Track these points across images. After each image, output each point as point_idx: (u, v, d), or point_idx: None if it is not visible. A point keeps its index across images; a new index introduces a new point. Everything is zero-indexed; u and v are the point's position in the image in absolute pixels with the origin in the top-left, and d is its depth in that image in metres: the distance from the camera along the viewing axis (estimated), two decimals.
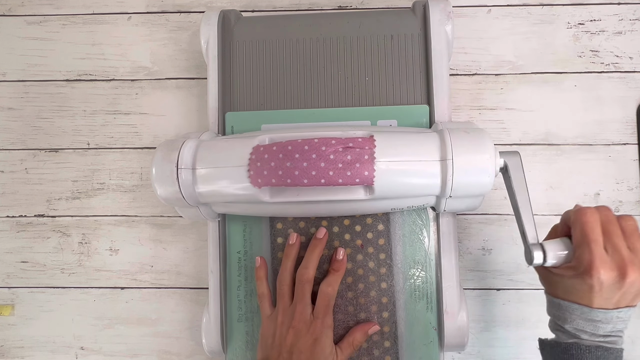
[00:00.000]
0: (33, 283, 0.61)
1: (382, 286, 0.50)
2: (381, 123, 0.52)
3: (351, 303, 0.50)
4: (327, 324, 0.46)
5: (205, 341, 0.53)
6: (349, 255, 0.50)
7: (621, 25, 0.60)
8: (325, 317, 0.46)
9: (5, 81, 0.63)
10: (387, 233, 0.50)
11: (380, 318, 0.50)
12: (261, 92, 0.54)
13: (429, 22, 0.52)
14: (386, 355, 0.50)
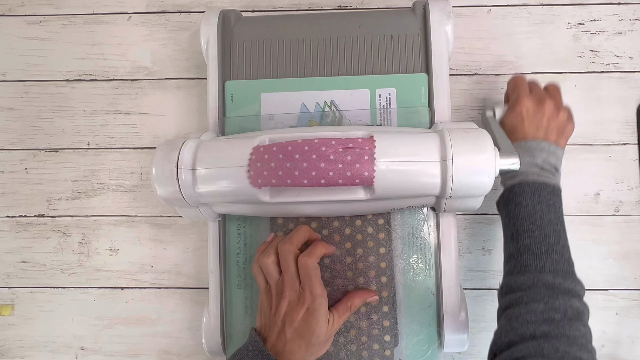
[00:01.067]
0: (33, 283, 0.61)
1: (380, 251, 0.50)
2: (380, 92, 0.52)
3: (350, 268, 0.50)
4: (317, 293, 0.45)
5: (205, 341, 0.53)
6: (348, 221, 0.50)
7: (621, 25, 0.60)
8: (313, 287, 0.45)
9: (5, 81, 0.63)
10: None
11: (379, 283, 0.50)
12: (261, 64, 0.54)
13: (429, 22, 0.52)
14: (384, 320, 0.50)
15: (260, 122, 0.52)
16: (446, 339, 0.50)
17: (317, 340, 0.45)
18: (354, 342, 0.50)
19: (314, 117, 0.52)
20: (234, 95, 0.53)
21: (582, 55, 0.60)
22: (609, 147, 0.59)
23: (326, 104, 0.52)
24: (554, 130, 0.49)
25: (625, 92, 0.59)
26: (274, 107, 0.53)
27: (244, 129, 0.52)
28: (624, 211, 0.59)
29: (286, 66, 0.54)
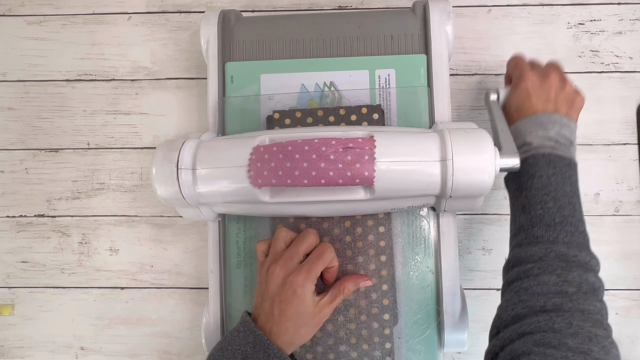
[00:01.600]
0: (33, 283, 0.61)
1: (380, 230, 0.50)
2: (379, 73, 0.52)
3: (349, 247, 0.50)
4: (312, 277, 0.43)
5: (205, 341, 0.53)
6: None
7: (621, 25, 0.60)
8: (312, 268, 0.43)
9: (5, 81, 0.63)
10: None
11: (378, 261, 0.50)
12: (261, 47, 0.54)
13: (429, 22, 0.52)
14: (384, 298, 0.50)
15: (260, 103, 0.53)
16: (446, 339, 0.50)
17: (304, 323, 0.43)
18: (353, 321, 0.50)
19: (314, 97, 0.53)
20: (234, 77, 0.53)
21: (582, 55, 0.60)
22: (609, 147, 0.59)
23: (325, 84, 0.52)
24: (563, 103, 0.47)
25: (625, 92, 0.59)
26: (274, 88, 0.53)
27: (244, 110, 0.53)
28: (624, 211, 0.59)
29: (286, 49, 0.54)
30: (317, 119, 0.51)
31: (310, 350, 0.50)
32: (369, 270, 0.50)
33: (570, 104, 0.48)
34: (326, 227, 0.50)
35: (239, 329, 0.43)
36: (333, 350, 0.49)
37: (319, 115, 0.51)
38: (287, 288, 0.43)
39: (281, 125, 0.51)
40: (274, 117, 0.51)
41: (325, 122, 0.51)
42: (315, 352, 0.50)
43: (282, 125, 0.51)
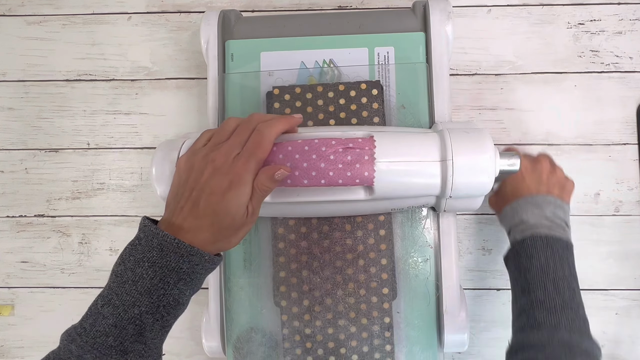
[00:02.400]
0: (33, 283, 0.61)
1: None
2: (378, 50, 0.52)
3: (348, 221, 0.50)
4: (250, 168, 0.38)
5: (205, 341, 0.53)
6: None
7: (621, 25, 0.60)
8: (251, 158, 0.38)
9: (5, 81, 0.63)
10: None
11: (377, 236, 0.50)
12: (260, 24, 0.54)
13: (429, 22, 0.52)
14: (383, 272, 0.50)
15: (260, 79, 0.53)
16: (446, 339, 0.50)
17: (231, 223, 0.38)
18: (352, 295, 0.50)
19: (313, 74, 0.53)
20: (234, 55, 0.53)
21: (582, 55, 0.60)
22: (609, 147, 0.59)
23: (325, 62, 0.53)
24: (555, 186, 0.50)
25: (625, 92, 0.59)
26: (274, 66, 0.53)
27: (244, 86, 0.53)
28: (624, 211, 0.59)
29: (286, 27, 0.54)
30: (316, 95, 0.51)
31: (309, 325, 0.50)
32: (368, 244, 0.49)
33: (561, 188, 0.50)
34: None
35: (139, 237, 0.37)
36: (332, 324, 0.49)
37: (319, 91, 0.51)
38: (225, 177, 0.38)
39: (281, 101, 0.51)
40: (273, 92, 0.52)
41: (324, 98, 0.51)
42: (314, 326, 0.50)
43: (281, 101, 0.51)
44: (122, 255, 0.37)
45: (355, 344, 0.49)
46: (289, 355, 0.50)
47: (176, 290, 0.36)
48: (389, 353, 0.49)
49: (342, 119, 0.50)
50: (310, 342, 0.50)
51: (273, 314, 0.51)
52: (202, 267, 0.37)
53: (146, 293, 0.35)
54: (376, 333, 0.49)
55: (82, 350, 0.35)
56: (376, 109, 0.50)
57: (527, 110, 0.59)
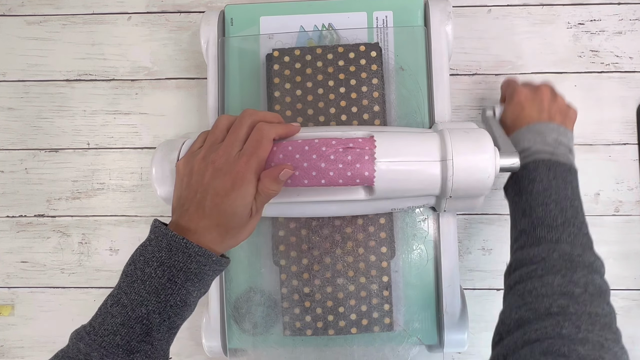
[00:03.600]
0: (33, 283, 0.61)
1: None
2: (377, 14, 0.53)
3: None
4: (252, 167, 0.38)
5: (205, 341, 0.53)
6: None
7: (621, 25, 0.60)
8: (252, 158, 0.38)
9: (5, 81, 0.63)
10: (383, 114, 0.51)
11: None
12: None
13: (429, 22, 0.52)
14: (381, 231, 0.50)
15: (260, 43, 0.53)
16: (446, 339, 0.50)
17: (237, 221, 0.38)
18: (351, 254, 0.50)
19: (312, 37, 0.53)
20: (234, 19, 0.54)
21: (582, 55, 0.60)
22: (609, 147, 0.59)
23: (324, 26, 0.53)
24: (556, 113, 0.48)
25: (625, 92, 0.59)
26: (273, 30, 0.54)
27: (243, 50, 0.53)
28: (624, 211, 0.59)
29: None
30: (315, 57, 0.51)
31: (308, 284, 0.50)
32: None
33: (563, 115, 0.48)
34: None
35: (149, 238, 0.38)
36: (331, 283, 0.50)
37: (318, 52, 0.51)
38: (227, 177, 0.38)
39: (280, 63, 0.52)
40: (273, 55, 0.52)
41: (324, 59, 0.51)
42: (313, 284, 0.50)
43: (281, 63, 0.52)
44: (133, 255, 0.38)
45: (354, 302, 0.50)
46: (288, 314, 0.50)
47: (184, 291, 0.37)
48: (387, 312, 0.50)
49: (341, 80, 0.51)
50: (309, 300, 0.50)
51: (272, 273, 0.51)
52: (210, 267, 0.38)
53: (154, 292, 0.36)
54: (374, 292, 0.49)
55: (90, 348, 0.35)
56: (375, 70, 0.51)
57: None
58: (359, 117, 0.50)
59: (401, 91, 0.52)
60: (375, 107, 0.50)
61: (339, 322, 0.50)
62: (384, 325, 0.50)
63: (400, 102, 0.52)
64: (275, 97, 0.51)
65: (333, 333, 0.50)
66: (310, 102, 0.51)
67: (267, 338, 0.51)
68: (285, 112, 0.51)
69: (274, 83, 0.51)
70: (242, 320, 0.51)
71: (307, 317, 0.50)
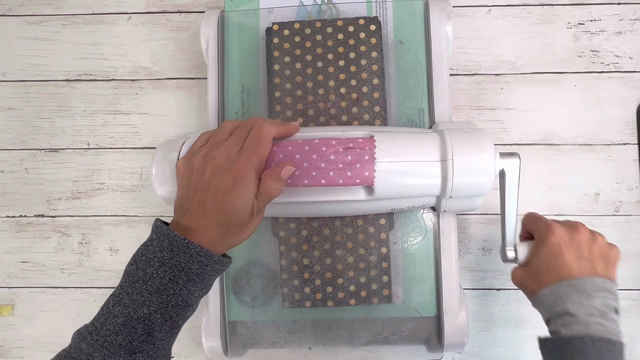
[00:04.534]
0: (33, 283, 0.61)
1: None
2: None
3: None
4: (253, 165, 0.38)
5: (205, 341, 0.53)
6: (344, 108, 0.50)
7: (621, 25, 0.60)
8: (252, 155, 0.38)
9: (5, 81, 0.63)
10: (382, 87, 0.51)
11: None
12: None
13: (429, 22, 0.52)
14: None
15: (259, 17, 0.54)
16: (446, 339, 0.50)
17: (238, 220, 0.38)
18: (350, 225, 0.50)
19: (312, 11, 0.54)
20: None
21: (582, 55, 0.60)
22: (609, 147, 0.59)
23: (323, 0, 0.54)
24: (599, 259, 0.43)
25: (625, 92, 0.59)
26: (272, 5, 0.54)
27: (242, 25, 0.54)
28: (624, 211, 0.59)
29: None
30: (315, 30, 0.52)
31: (307, 255, 0.50)
32: None
33: (606, 260, 0.43)
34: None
35: (151, 238, 0.38)
36: (330, 255, 0.50)
37: (317, 26, 0.52)
38: (228, 175, 0.38)
39: (280, 36, 0.52)
40: (273, 28, 0.52)
41: (323, 33, 0.51)
42: (312, 256, 0.50)
43: (280, 36, 0.52)
44: (135, 255, 0.38)
45: (353, 274, 0.50)
46: (287, 286, 0.50)
47: (185, 291, 0.37)
48: (385, 284, 0.50)
49: (340, 54, 0.51)
50: (308, 272, 0.50)
51: (271, 245, 0.51)
52: (211, 267, 0.38)
53: (156, 292, 0.36)
54: (373, 263, 0.50)
55: (92, 348, 0.35)
56: (374, 43, 0.51)
57: (527, 110, 0.59)
58: (358, 90, 0.51)
59: (400, 64, 0.52)
60: (374, 80, 0.51)
61: (338, 294, 0.50)
62: (382, 297, 0.50)
63: (399, 75, 0.52)
64: (275, 70, 0.51)
65: (332, 304, 0.50)
66: (310, 75, 0.51)
67: (266, 310, 0.52)
68: (285, 85, 0.51)
69: (274, 56, 0.52)
70: (241, 293, 0.52)
71: (306, 288, 0.50)
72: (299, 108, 0.51)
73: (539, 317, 0.59)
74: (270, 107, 0.52)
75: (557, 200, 0.58)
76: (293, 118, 0.51)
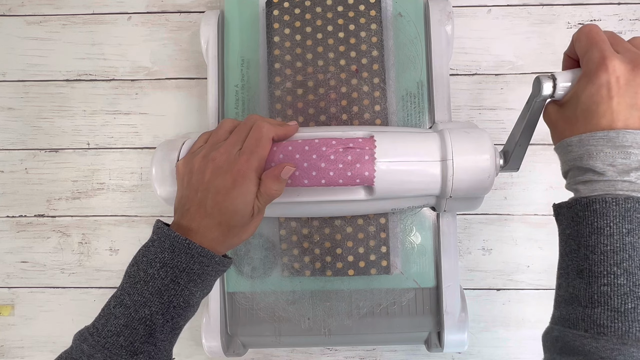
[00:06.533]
0: (33, 283, 0.61)
1: (375, 109, 0.51)
2: None
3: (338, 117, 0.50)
4: (253, 165, 0.38)
5: (205, 341, 0.53)
6: (344, 80, 0.51)
7: (621, 25, 0.60)
8: (252, 155, 0.38)
9: (5, 81, 0.63)
10: (381, 59, 0.51)
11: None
12: None
13: (429, 22, 0.52)
14: None
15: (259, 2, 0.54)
16: (446, 339, 0.50)
17: (239, 220, 0.38)
18: None
19: None
20: None
21: None
22: None
23: None
24: None
25: None
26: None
27: (242, 12, 0.54)
28: None
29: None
30: (315, 2, 0.52)
31: (306, 225, 0.51)
32: None
33: None
34: None
35: (152, 239, 0.38)
36: (329, 224, 0.50)
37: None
38: (228, 176, 0.38)
39: (280, 8, 0.52)
40: (273, 1, 0.52)
41: (322, 5, 0.52)
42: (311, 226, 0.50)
43: (280, 8, 0.52)
44: (136, 256, 0.38)
45: (351, 244, 0.50)
46: (287, 255, 0.51)
47: (187, 291, 0.37)
48: (384, 255, 0.50)
49: (340, 25, 0.51)
50: (307, 242, 0.50)
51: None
52: (212, 268, 0.38)
53: (157, 293, 0.36)
54: (372, 234, 0.50)
55: (94, 349, 0.35)
56: (373, 16, 0.51)
57: None
58: (358, 62, 0.51)
59: (399, 37, 0.53)
60: (373, 52, 0.51)
61: (337, 264, 0.50)
62: (381, 267, 0.50)
63: (398, 48, 0.52)
64: (275, 42, 0.52)
65: (331, 274, 0.50)
66: (310, 47, 0.51)
67: (266, 281, 0.52)
68: (285, 57, 0.51)
69: (274, 28, 0.52)
70: (240, 264, 0.52)
71: (305, 257, 0.50)
72: (299, 79, 0.51)
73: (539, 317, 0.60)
74: (270, 79, 0.52)
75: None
76: (293, 89, 0.51)
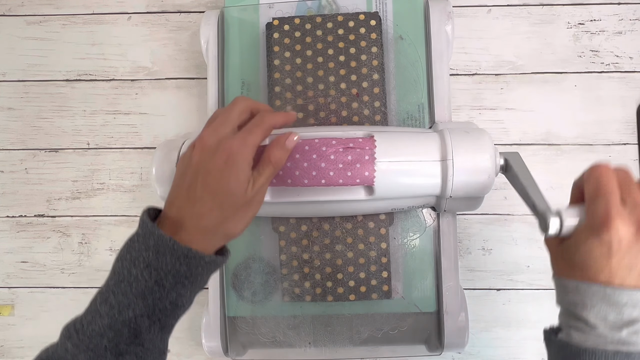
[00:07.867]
0: (33, 283, 0.61)
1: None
2: None
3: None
4: (249, 145, 0.36)
5: (205, 341, 0.53)
6: (344, 104, 0.51)
7: (621, 25, 0.60)
8: (250, 135, 0.36)
9: (5, 81, 0.63)
10: (382, 82, 0.51)
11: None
12: None
13: (429, 22, 0.52)
14: None
15: (259, 12, 0.54)
16: (446, 339, 0.50)
17: (233, 202, 0.35)
18: (350, 221, 0.50)
19: (312, 7, 0.54)
20: None
21: (582, 55, 0.60)
22: (609, 147, 0.59)
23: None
24: None
25: (625, 92, 0.59)
26: (273, 0, 0.54)
27: (242, 20, 0.54)
28: None
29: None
30: (315, 25, 0.52)
31: (307, 250, 0.50)
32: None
33: None
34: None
35: (137, 233, 0.36)
36: (329, 250, 0.50)
37: (318, 21, 0.52)
38: (219, 155, 0.35)
39: (280, 31, 0.52)
40: (273, 23, 0.52)
41: (323, 28, 0.52)
42: (312, 251, 0.50)
43: (281, 31, 0.52)
44: (121, 250, 0.35)
45: (352, 269, 0.50)
46: (287, 280, 0.51)
47: (173, 294, 0.34)
48: (385, 280, 0.50)
49: (341, 49, 0.51)
50: (307, 267, 0.50)
51: (271, 240, 0.51)
52: (202, 269, 0.35)
53: (141, 296, 0.33)
54: (373, 259, 0.50)
55: (77, 349, 0.34)
56: (374, 39, 0.51)
57: (527, 110, 0.59)
58: (358, 85, 0.51)
59: (400, 60, 0.53)
60: (374, 75, 0.51)
61: (338, 289, 0.50)
62: (382, 292, 0.50)
63: (399, 71, 0.52)
64: (275, 65, 0.52)
65: (332, 299, 0.50)
66: (310, 70, 0.51)
67: (266, 305, 0.52)
68: (285, 80, 0.51)
69: (274, 51, 0.52)
70: (241, 288, 0.52)
71: (306, 283, 0.50)
72: (299, 103, 0.51)
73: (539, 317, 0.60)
74: (270, 102, 0.52)
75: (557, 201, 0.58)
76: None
